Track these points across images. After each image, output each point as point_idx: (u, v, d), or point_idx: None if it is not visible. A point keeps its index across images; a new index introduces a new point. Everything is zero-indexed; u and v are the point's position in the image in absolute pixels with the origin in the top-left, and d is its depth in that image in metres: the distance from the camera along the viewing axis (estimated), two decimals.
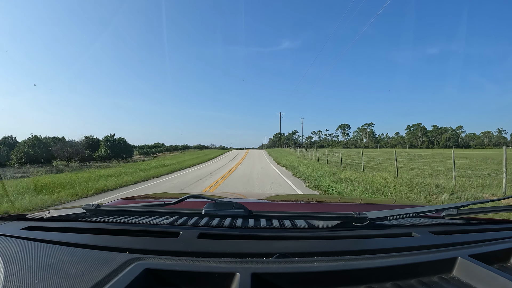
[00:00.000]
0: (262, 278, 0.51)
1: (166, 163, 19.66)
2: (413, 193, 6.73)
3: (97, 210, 0.79)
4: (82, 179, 9.93)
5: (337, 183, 8.31)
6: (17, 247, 0.64)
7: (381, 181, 8.48)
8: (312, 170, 12.33)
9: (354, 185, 7.94)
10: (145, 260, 0.55)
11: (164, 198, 1.46)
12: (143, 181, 10.43)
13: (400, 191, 6.99)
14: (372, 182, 8.31)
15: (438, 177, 9.20)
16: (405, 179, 8.66)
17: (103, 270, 0.52)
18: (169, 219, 0.87)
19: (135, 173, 12.56)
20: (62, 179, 9.78)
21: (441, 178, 8.59)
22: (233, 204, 0.79)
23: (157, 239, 0.73)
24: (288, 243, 0.72)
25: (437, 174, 10.26)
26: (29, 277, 0.50)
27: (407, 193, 6.76)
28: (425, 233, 0.80)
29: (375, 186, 7.69)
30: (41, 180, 9.42)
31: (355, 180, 8.98)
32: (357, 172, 11.26)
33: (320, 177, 9.80)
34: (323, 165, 15.32)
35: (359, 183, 8.29)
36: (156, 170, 14.15)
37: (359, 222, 0.79)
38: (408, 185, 7.60)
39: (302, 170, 12.87)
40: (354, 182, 8.51)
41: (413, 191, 6.92)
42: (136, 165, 17.86)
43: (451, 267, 0.58)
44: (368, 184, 8.05)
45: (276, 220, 0.87)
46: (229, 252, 0.65)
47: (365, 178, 9.13)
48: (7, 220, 0.90)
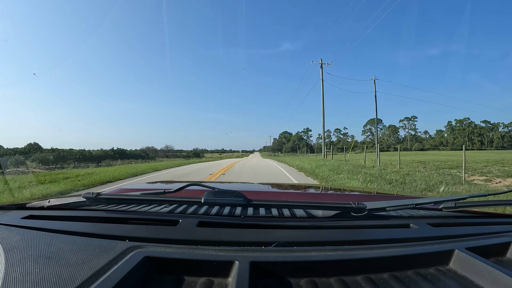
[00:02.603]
0: (260, 266, 0.51)
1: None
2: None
3: (97, 199, 0.79)
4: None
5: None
6: (18, 236, 0.64)
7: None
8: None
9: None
10: (144, 248, 0.55)
11: (164, 186, 1.46)
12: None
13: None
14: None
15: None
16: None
17: (103, 258, 0.52)
18: (169, 207, 0.88)
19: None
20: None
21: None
22: (233, 192, 0.79)
23: (157, 227, 0.73)
24: (287, 232, 0.72)
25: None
26: (30, 266, 0.50)
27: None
28: (423, 225, 0.80)
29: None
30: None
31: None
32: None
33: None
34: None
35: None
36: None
37: (357, 213, 0.79)
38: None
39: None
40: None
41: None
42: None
43: (448, 259, 0.58)
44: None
45: (275, 209, 0.87)
46: (228, 240, 0.65)
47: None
48: (7, 209, 0.90)
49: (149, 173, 12.79)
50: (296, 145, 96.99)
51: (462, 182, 7.47)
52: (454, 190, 6.30)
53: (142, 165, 19.92)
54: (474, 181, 7.85)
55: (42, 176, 9.77)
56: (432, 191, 6.55)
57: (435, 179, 7.85)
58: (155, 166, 17.39)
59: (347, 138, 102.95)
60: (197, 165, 20.43)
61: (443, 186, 6.37)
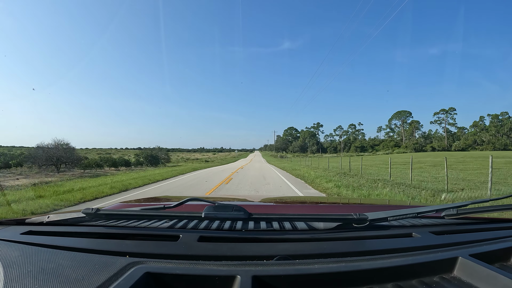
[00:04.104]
0: (262, 280, 0.51)
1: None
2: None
3: (97, 214, 0.78)
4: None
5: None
6: (17, 251, 0.63)
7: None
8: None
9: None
10: (145, 264, 0.55)
11: (164, 201, 1.45)
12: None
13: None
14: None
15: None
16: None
17: (103, 274, 0.52)
18: (169, 223, 0.87)
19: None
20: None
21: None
22: (233, 207, 0.79)
23: (157, 243, 0.72)
24: (289, 245, 0.72)
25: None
26: (29, 282, 0.49)
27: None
28: (425, 233, 0.80)
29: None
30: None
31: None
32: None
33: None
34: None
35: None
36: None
37: (359, 223, 0.79)
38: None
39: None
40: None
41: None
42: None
43: (452, 267, 0.58)
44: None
45: (276, 222, 0.87)
46: (230, 255, 0.65)
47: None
48: (6, 225, 0.90)
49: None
50: (306, 143, 78.31)
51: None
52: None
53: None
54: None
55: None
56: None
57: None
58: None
59: (358, 135, 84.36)
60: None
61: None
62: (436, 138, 78.97)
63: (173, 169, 21.17)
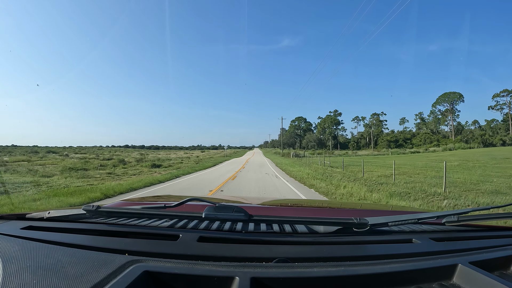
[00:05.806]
0: (261, 282, 0.51)
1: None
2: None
3: (97, 211, 0.79)
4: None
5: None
6: (17, 246, 0.64)
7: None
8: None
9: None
10: (144, 262, 0.55)
11: (165, 200, 1.45)
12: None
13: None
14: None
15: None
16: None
17: (102, 271, 0.52)
18: (169, 222, 0.87)
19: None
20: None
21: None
22: (234, 208, 0.79)
23: (157, 242, 0.73)
24: (288, 248, 0.72)
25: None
26: (28, 277, 0.50)
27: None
28: (426, 240, 0.80)
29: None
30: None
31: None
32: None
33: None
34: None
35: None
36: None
37: (359, 228, 0.79)
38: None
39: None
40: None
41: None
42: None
43: (451, 274, 0.57)
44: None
45: (276, 225, 0.87)
46: (229, 256, 0.65)
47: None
48: (7, 219, 0.90)
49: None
50: (326, 136, 58.37)
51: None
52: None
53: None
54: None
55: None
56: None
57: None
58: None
59: (382, 127, 66.91)
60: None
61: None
62: (495, 129, 59.92)
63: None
